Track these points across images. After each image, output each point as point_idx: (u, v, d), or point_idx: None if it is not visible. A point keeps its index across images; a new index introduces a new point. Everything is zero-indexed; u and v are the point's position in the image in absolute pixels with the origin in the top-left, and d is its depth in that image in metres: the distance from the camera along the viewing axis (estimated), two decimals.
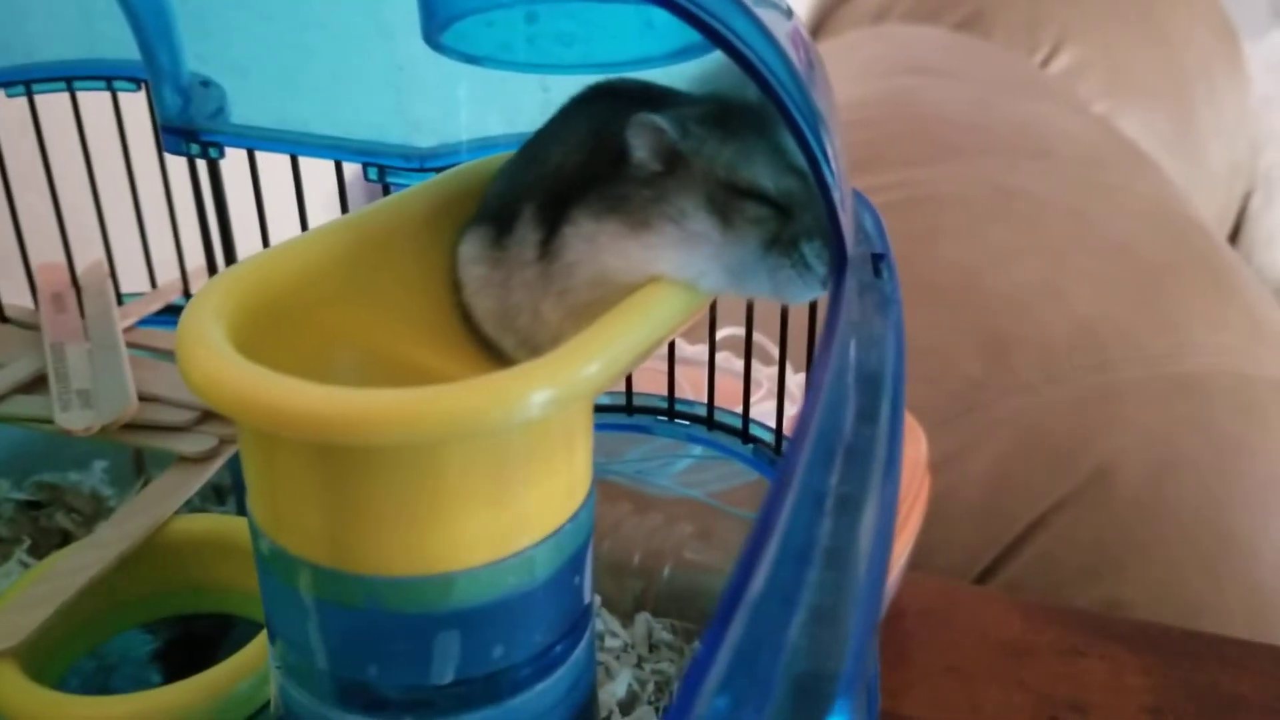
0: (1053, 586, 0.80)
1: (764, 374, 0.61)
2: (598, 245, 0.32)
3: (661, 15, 0.29)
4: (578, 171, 0.34)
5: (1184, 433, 0.84)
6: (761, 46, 0.27)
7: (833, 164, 0.28)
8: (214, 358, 0.27)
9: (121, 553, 0.41)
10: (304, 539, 0.29)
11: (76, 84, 0.53)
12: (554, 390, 0.27)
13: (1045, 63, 1.57)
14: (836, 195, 0.28)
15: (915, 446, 0.64)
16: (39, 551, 0.51)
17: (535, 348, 0.34)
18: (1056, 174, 1.11)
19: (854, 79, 1.36)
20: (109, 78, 0.52)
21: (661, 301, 0.31)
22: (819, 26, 1.79)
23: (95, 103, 0.53)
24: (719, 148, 0.32)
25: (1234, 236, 1.79)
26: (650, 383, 0.50)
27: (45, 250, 0.56)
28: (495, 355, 0.36)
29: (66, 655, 0.43)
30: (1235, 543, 0.80)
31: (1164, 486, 0.81)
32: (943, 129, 1.18)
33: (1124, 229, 1.04)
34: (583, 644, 0.33)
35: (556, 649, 0.31)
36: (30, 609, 0.39)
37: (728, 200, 0.32)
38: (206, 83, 0.46)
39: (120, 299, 0.56)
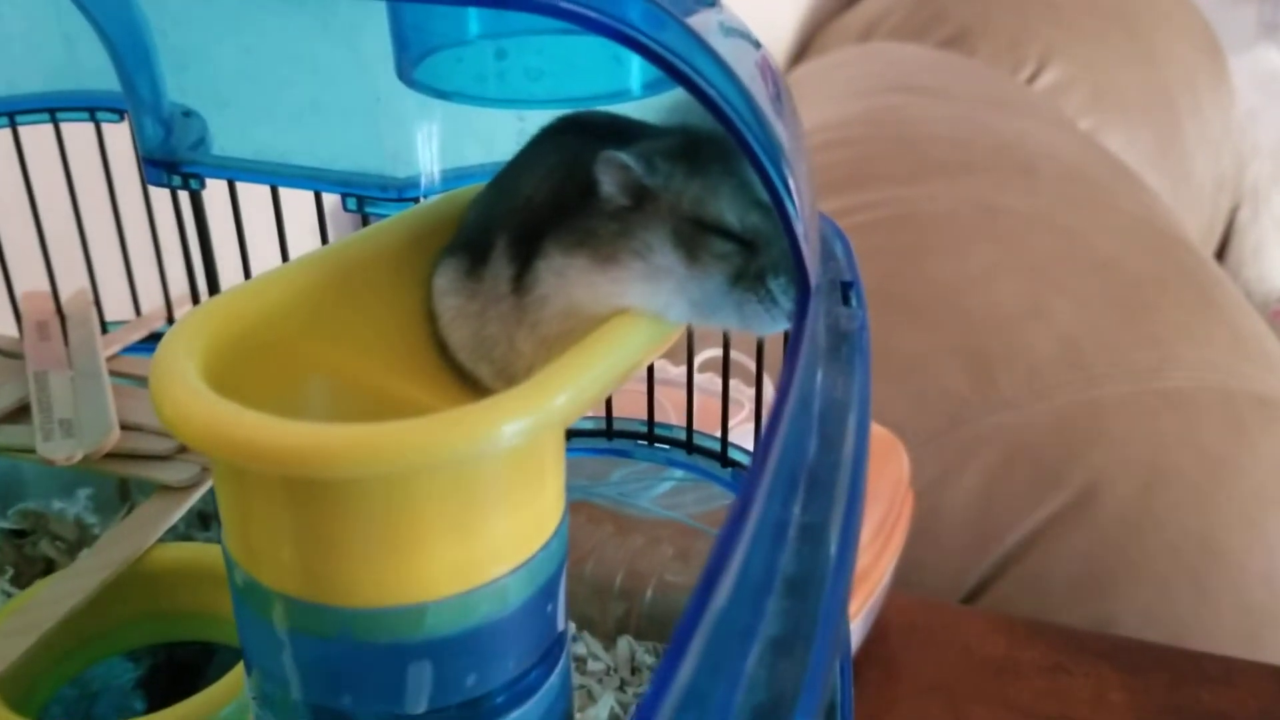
0: (1042, 604, 0.80)
1: (746, 395, 0.61)
2: (567, 279, 0.33)
3: (628, 51, 0.29)
4: (548, 204, 0.34)
5: (1170, 449, 0.84)
6: (721, 81, 0.27)
7: (795, 198, 0.28)
8: (186, 393, 0.27)
9: (103, 582, 0.42)
10: (276, 571, 0.29)
11: (60, 115, 0.53)
12: (522, 422, 0.27)
13: (1030, 80, 1.58)
14: (800, 228, 0.29)
15: (898, 465, 0.64)
16: (22, 580, 0.52)
17: (511, 378, 0.35)
18: (1042, 191, 1.12)
19: (841, 97, 1.37)
20: (92, 109, 0.53)
21: (629, 333, 0.31)
22: (806, 45, 1.80)
23: (79, 133, 0.54)
24: (686, 183, 0.33)
25: (1221, 250, 1.80)
26: (632, 405, 0.50)
27: (30, 279, 0.56)
28: (471, 385, 0.36)
29: (49, 684, 0.44)
30: (1223, 558, 0.81)
31: (1151, 503, 0.82)
32: (929, 147, 1.19)
33: (1109, 245, 1.05)
34: (557, 671, 0.33)
35: (530, 676, 0.32)
36: (11, 639, 0.39)
37: (694, 235, 0.32)
38: (189, 113, 0.46)
39: (104, 327, 0.57)
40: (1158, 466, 0.83)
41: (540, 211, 0.34)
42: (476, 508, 0.29)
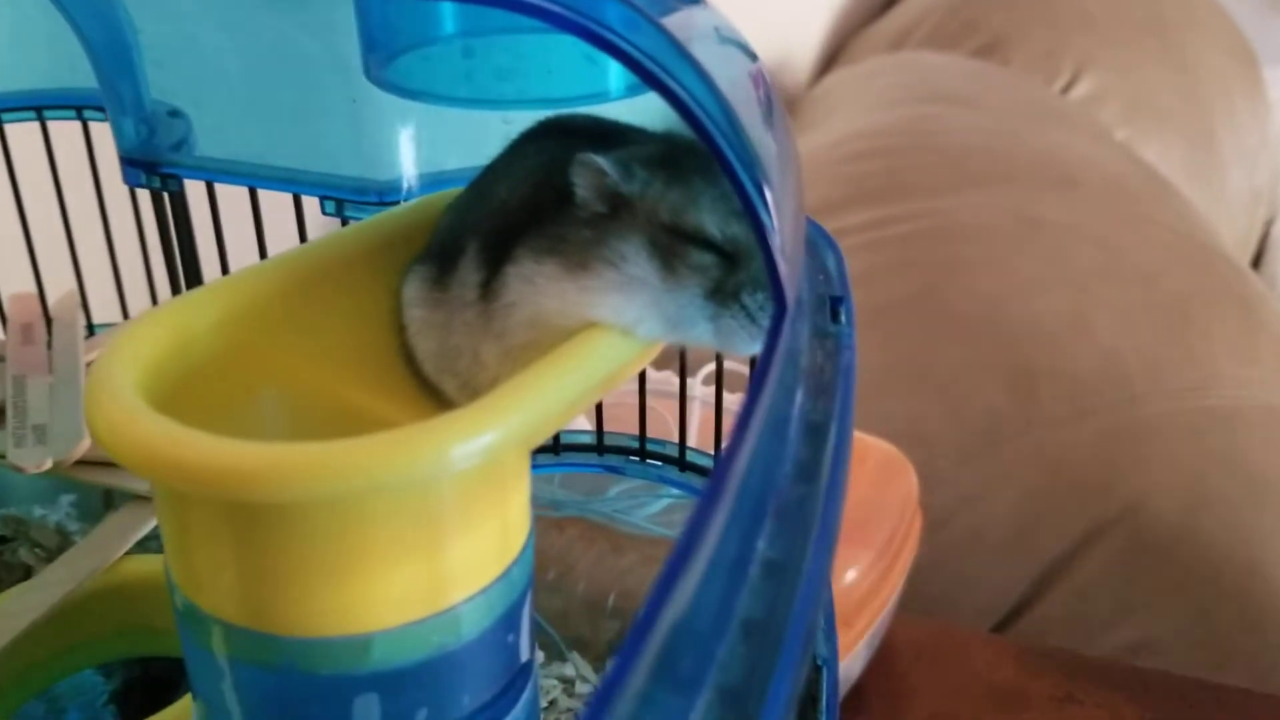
0: (1081, 626, 0.78)
1: None
2: (535, 286, 0.31)
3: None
4: (522, 210, 0.32)
5: (1215, 468, 0.82)
6: (694, 84, 0.26)
7: (771, 209, 0.26)
8: (117, 409, 0.26)
9: (66, 595, 0.40)
10: (216, 596, 0.27)
11: (46, 113, 0.52)
12: (475, 443, 0.25)
13: (1065, 90, 1.56)
14: (776, 240, 0.27)
15: (906, 484, 0.62)
16: (1, 587, 0.50)
17: (475, 391, 0.33)
18: (1082, 204, 1.10)
19: (875, 106, 1.35)
20: (79, 107, 0.52)
21: (597, 350, 0.29)
22: (835, 54, 1.77)
23: (65, 132, 0.53)
24: (664, 190, 0.31)
25: (1255, 264, 1.76)
26: (629, 417, 0.48)
27: (18, 280, 0.55)
28: (438, 400, 0.34)
29: (13, 698, 0.42)
30: (1267, 582, 0.78)
31: (1195, 523, 0.80)
32: (965, 158, 1.17)
33: (1150, 260, 1.03)
34: (520, 704, 0.31)
35: (488, 712, 0.30)
36: None
37: (671, 245, 0.30)
38: (175, 113, 0.45)
39: (91, 329, 0.56)
40: (1201, 487, 0.81)
41: (514, 216, 0.33)
42: (427, 532, 0.27)
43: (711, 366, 0.58)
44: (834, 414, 0.28)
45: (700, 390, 0.61)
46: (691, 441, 0.47)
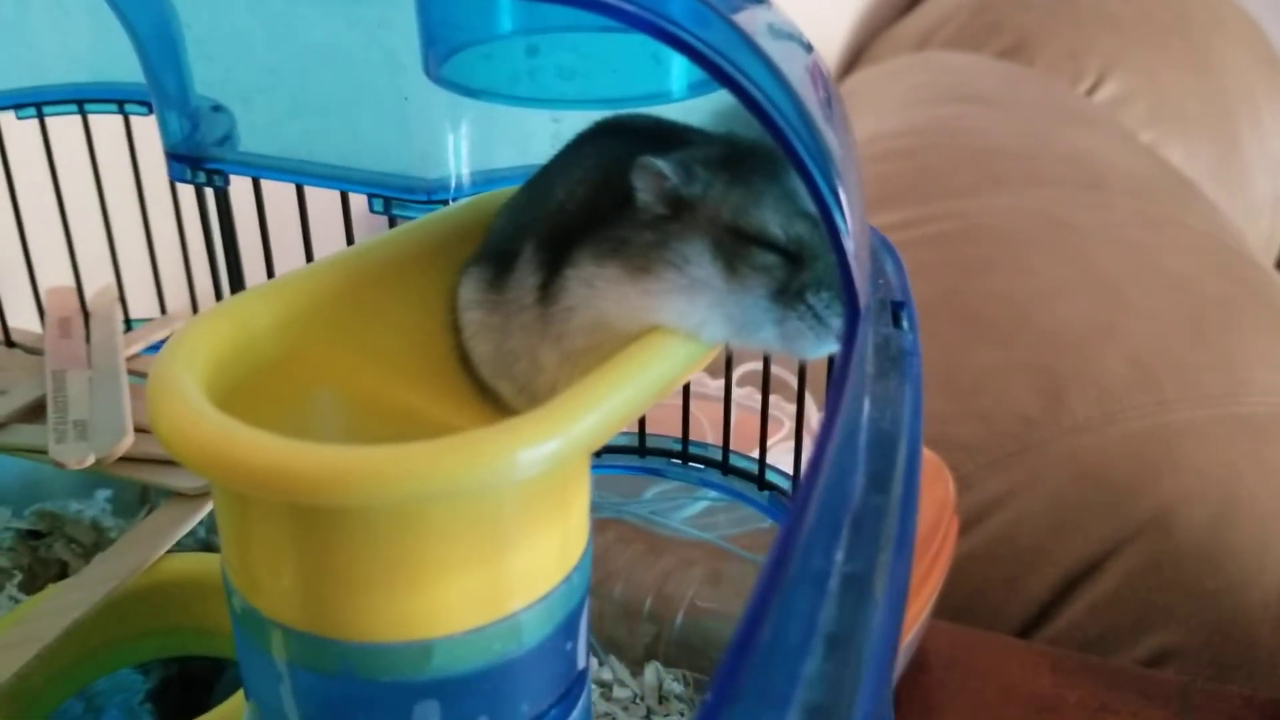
0: (1108, 633, 0.78)
1: (786, 411, 0.59)
2: (596, 290, 0.31)
3: (668, 50, 0.27)
4: (581, 212, 0.32)
5: (1246, 475, 0.81)
6: (767, 83, 0.25)
7: (845, 211, 0.26)
8: (182, 409, 0.25)
9: (107, 594, 0.40)
10: (276, 599, 0.27)
11: (88, 106, 0.52)
12: (541, 449, 0.25)
13: (1090, 92, 1.55)
14: (849, 244, 0.26)
15: (942, 489, 0.62)
16: (36, 582, 0.50)
17: (533, 395, 0.33)
18: (1110, 206, 1.09)
19: (898, 107, 1.34)
20: (120, 100, 0.51)
21: (661, 353, 0.29)
22: (860, 53, 1.77)
23: (107, 125, 0.52)
24: (726, 192, 0.30)
25: (1277, 266, 1.75)
26: (668, 419, 0.48)
27: (56, 274, 0.55)
28: (495, 403, 0.34)
29: (52, 696, 0.42)
30: None
31: (1225, 531, 0.79)
32: (991, 159, 1.16)
33: (1180, 264, 1.02)
34: (576, 712, 0.31)
35: (546, 718, 0.30)
36: (9, 652, 0.37)
37: (734, 247, 0.30)
38: (218, 108, 0.44)
39: (129, 324, 0.55)
40: (1233, 493, 0.80)
41: (572, 218, 0.32)
42: (490, 539, 0.26)
43: (744, 367, 0.58)
44: (903, 422, 0.28)
45: (714, 387, 0.60)
46: (719, 441, 0.47)
